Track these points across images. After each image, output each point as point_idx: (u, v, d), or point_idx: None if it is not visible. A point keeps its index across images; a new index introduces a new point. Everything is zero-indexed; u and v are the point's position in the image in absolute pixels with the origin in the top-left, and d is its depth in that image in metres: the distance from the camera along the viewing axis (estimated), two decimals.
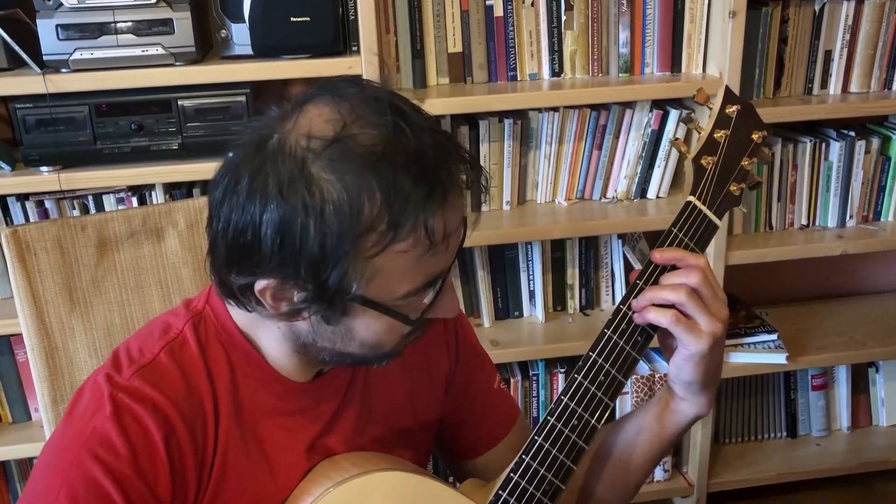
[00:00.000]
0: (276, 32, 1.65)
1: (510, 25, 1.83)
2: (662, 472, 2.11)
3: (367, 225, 0.75)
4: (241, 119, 1.69)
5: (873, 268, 2.34)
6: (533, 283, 2.01)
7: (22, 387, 1.88)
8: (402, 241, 0.76)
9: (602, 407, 0.94)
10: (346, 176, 0.74)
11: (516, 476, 0.93)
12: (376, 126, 0.76)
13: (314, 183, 0.75)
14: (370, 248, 0.76)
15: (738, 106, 1.00)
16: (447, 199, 0.78)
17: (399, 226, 0.76)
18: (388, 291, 0.80)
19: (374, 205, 0.75)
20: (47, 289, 1.21)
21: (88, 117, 1.66)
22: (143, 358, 0.88)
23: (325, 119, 0.77)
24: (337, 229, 0.75)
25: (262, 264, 0.78)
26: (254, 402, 0.92)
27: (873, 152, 2.00)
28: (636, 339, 0.94)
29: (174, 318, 0.93)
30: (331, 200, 0.74)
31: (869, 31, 1.90)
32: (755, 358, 2.03)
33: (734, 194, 1.00)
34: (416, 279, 0.81)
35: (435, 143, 0.78)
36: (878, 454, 2.19)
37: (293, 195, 0.75)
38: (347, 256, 0.76)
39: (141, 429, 0.84)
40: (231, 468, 0.91)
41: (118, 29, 1.62)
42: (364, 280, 0.78)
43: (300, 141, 0.76)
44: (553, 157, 1.92)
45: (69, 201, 1.76)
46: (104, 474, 0.82)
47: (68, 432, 0.85)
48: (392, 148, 0.75)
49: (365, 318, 0.83)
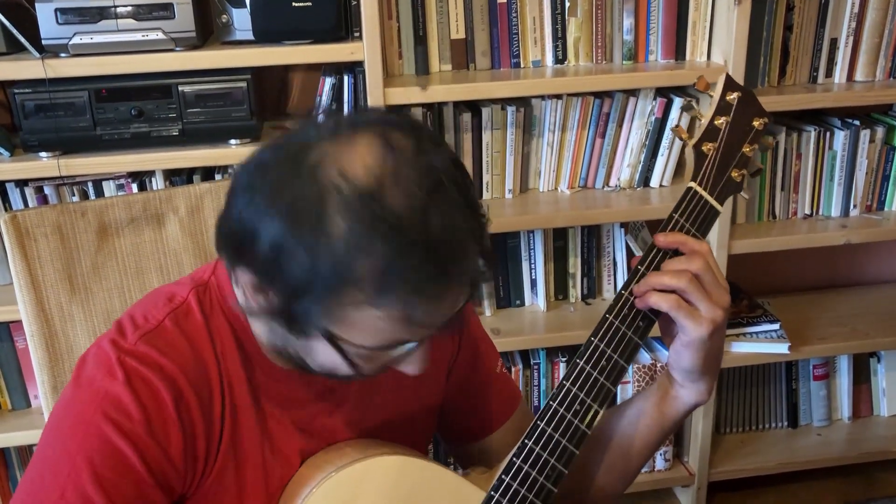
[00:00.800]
0: (277, 17, 1.64)
1: (513, 12, 1.82)
2: (663, 461, 2.11)
3: (353, 280, 0.74)
4: (242, 105, 1.67)
5: (876, 258, 2.34)
6: (535, 272, 2.00)
7: (21, 374, 1.87)
8: (380, 309, 0.76)
9: (604, 392, 0.94)
10: (357, 228, 0.73)
11: (519, 461, 0.93)
12: (411, 197, 0.74)
13: (326, 219, 0.73)
14: (347, 301, 0.76)
15: (738, 93, 1.01)
16: (442, 296, 0.77)
17: (382, 297, 0.75)
18: (352, 339, 0.80)
19: (369, 267, 0.73)
20: (47, 275, 1.20)
21: (88, 103, 1.65)
22: (147, 324, 0.88)
23: (367, 164, 0.74)
24: (325, 273, 0.74)
25: (251, 263, 0.79)
26: (255, 376, 0.92)
27: (878, 141, 1.99)
28: (638, 325, 0.94)
29: (178, 287, 0.93)
30: (331, 245, 0.73)
31: (875, 19, 1.88)
32: (757, 347, 2.02)
33: (735, 180, 1.00)
34: (383, 340, 0.80)
35: (460, 234, 0.76)
36: (879, 444, 2.19)
37: (302, 220, 0.74)
38: (324, 297, 0.76)
39: (152, 392, 0.84)
40: (241, 438, 0.91)
41: (118, 13, 1.60)
42: (331, 320, 0.78)
43: (334, 175, 0.74)
44: (556, 144, 1.91)
45: (68, 187, 1.75)
46: (120, 436, 0.82)
47: (78, 397, 0.85)
48: (413, 227, 0.73)
49: (323, 348, 0.82)
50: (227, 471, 0.90)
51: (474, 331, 1.13)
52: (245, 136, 1.71)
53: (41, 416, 1.84)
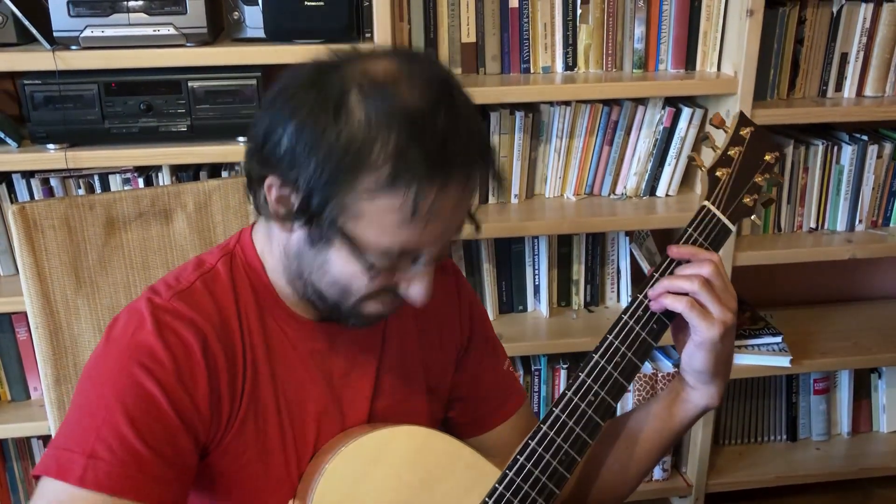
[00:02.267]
0: (289, 16, 1.64)
1: (525, 17, 1.82)
2: (661, 471, 2.10)
3: (369, 164, 0.80)
4: (251, 103, 1.67)
5: (881, 273, 2.33)
6: (538, 278, 2.00)
7: (22, 365, 1.87)
8: (391, 197, 0.80)
9: (618, 387, 0.97)
10: (375, 116, 0.79)
11: (534, 443, 0.96)
12: (424, 94, 0.81)
13: (344, 108, 0.80)
14: (363, 189, 0.81)
15: (751, 128, 1.06)
16: (448, 183, 0.82)
17: (395, 180, 0.80)
18: (365, 238, 0.84)
19: (383, 152, 0.79)
20: (53, 267, 1.20)
21: (97, 96, 1.65)
22: (179, 285, 0.93)
23: (385, 69, 0.82)
24: (342, 154, 0.80)
25: (276, 161, 0.84)
26: (278, 338, 0.96)
27: (885, 157, 1.99)
28: (652, 327, 0.98)
29: (208, 256, 0.98)
30: (350, 128, 0.79)
31: (886, 34, 1.88)
32: (759, 360, 2.02)
33: (748, 205, 1.05)
34: (394, 241, 0.84)
35: (466, 135, 0.83)
36: (878, 460, 2.19)
37: (323, 110, 0.80)
38: (342, 183, 0.81)
39: (181, 342, 0.89)
40: (260, 395, 0.94)
41: (130, 7, 1.60)
42: (349, 215, 0.83)
43: (355, 74, 0.82)
44: (563, 151, 1.90)
45: (75, 180, 1.75)
46: (151, 381, 0.86)
47: (111, 348, 0.89)
48: (426, 117, 0.80)
49: (340, 254, 0.86)
50: (247, 426, 0.94)
51: (484, 326, 1.17)
52: None
53: (41, 408, 1.84)
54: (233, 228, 1.31)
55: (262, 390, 0.95)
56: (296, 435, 0.97)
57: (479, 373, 1.15)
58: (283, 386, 0.96)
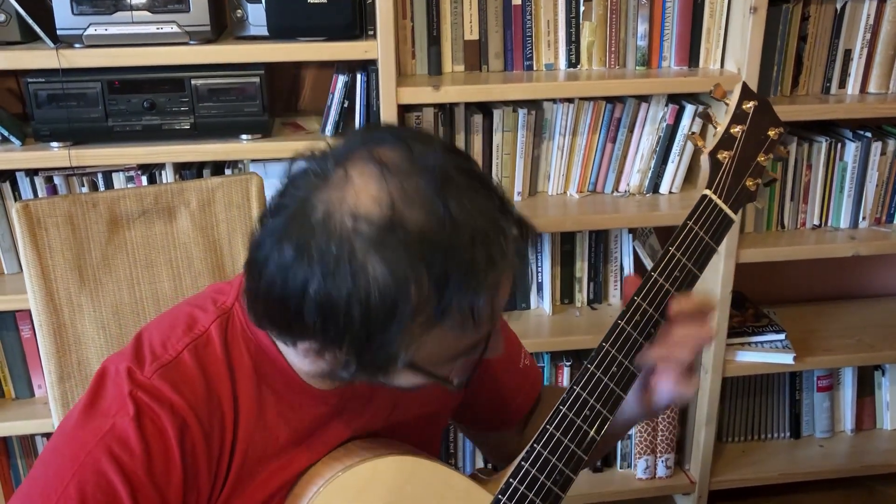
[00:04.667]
0: (292, 14, 1.64)
1: (528, 14, 1.82)
2: (665, 468, 2.10)
3: (414, 310, 0.74)
4: (254, 100, 1.67)
5: (884, 270, 2.33)
6: (541, 275, 2.00)
7: (26, 362, 1.87)
8: (447, 322, 0.76)
9: (614, 399, 0.93)
10: (395, 262, 0.72)
11: (527, 465, 0.92)
12: (426, 206, 0.73)
13: (360, 267, 0.73)
14: (416, 329, 0.76)
15: (754, 102, 1.01)
16: (497, 282, 0.77)
17: (446, 311, 0.75)
18: (431, 358, 0.81)
19: (422, 290, 0.73)
20: (57, 265, 1.20)
21: (101, 94, 1.65)
22: (165, 354, 0.87)
23: (372, 196, 0.73)
24: (382, 315, 0.74)
25: (305, 333, 0.79)
26: (280, 406, 0.91)
27: (889, 154, 1.98)
28: (650, 332, 0.94)
29: (201, 314, 0.91)
30: (376, 286, 0.73)
31: (890, 31, 1.88)
32: (762, 357, 2.02)
33: (750, 189, 1.00)
34: (462, 347, 0.81)
35: (487, 217, 0.75)
36: (881, 457, 2.18)
37: (338, 277, 0.73)
38: (392, 336, 0.75)
39: (158, 430, 0.83)
40: (251, 469, 0.90)
41: (133, 5, 1.60)
42: (408, 351, 0.78)
43: (346, 220, 0.73)
44: (566, 148, 1.90)
45: (78, 178, 1.75)
46: (116, 472, 0.81)
47: (87, 425, 0.84)
48: (443, 232, 0.73)
49: (407, 376, 0.83)
50: (240, 495, 0.90)
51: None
52: (257, 131, 1.71)
53: (45, 405, 1.84)
54: (236, 226, 1.31)
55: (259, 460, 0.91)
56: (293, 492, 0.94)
57: (496, 373, 1.11)
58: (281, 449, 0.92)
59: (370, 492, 0.91)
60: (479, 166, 0.81)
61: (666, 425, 2.06)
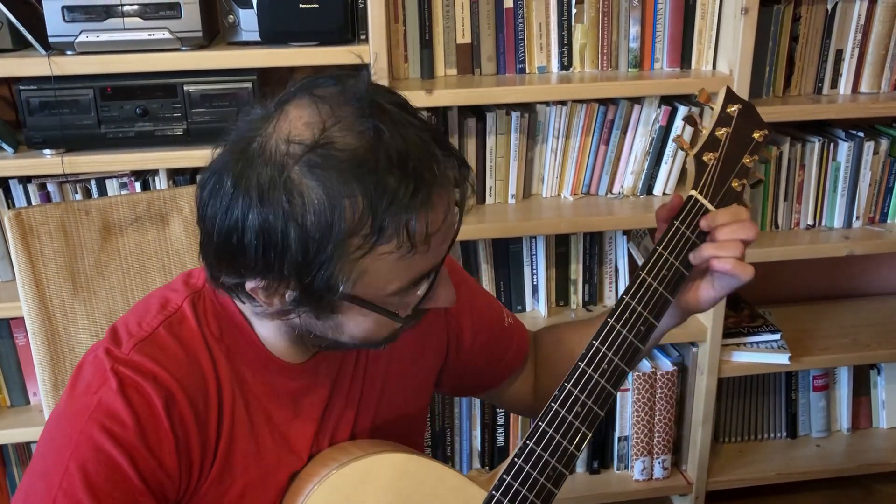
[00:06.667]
0: (284, 19, 1.64)
1: (520, 17, 1.82)
2: (661, 469, 2.10)
3: (349, 229, 0.75)
4: (247, 106, 1.67)
5: (879, 269, 2.34)
6: (536, 278, 2.00)
7: (21, 370, 1.87)
8: (385, 244, 0.77)
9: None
10: (327, 181, 0.75)
11: (520, 461, 0.93)
12: (357, 129, 0.76)
13: (294, 189, 0.75)
14: (354, 251, 0.77)
15: (739, 105, 1.03)
16: (430, 200, 0.78)
17: (382, 229, 0.76)
18: (375, 290, 0.81)
19: (356, 209, 0.75)
20: (50, 272, 1.20)
21: (93, 101, 1.65)
22: (141, 332, 0.89)
23: (305, 122, 0.77)
24: (318, 234, 0.75)
25: (249, 266, 0.79)
26: (256, 381, 0.93)
27: (881, 153, 1.99)
28: (640, 329, 0.96)
29: (173, 294, 0.93)
30: (311, 206, 0.75)
31: (881, 31, 1.88)
32: (758, 357, 2.02)
33: (736, 190, 1.02)
34: (404, 278, 0.81)
35: (419, 142, 0.78)
36: (877, 456, 2.19)
37: (273, 201, 0.75)
38: (331, 260, 0.77)
39: (145, 401, 0.84)
40: (238, 444, 0.91)
41: (125, 12, 1.60)
42: (350, 280, 0.79)
43: (280, 145, 0.76)
44: (560, 151, 1.91)
45: (72, 185, 1.75)
46: (113, 444, 0.83)
47: (73, 406, 0.86)
48: (373, 152, 0.75)
49: (353, 315, 0.84)
50: (225, 473, 0.91)
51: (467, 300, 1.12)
52: None
53: (40, 413, 1.84)
54: None
55: (239, 433, 0.91)
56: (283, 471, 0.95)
57: (477, 346, 1.12)
58: (264, 423, 0.93)
59: (365, 489, 0.92)
60: (411, 105, 0.82)
61: (662, 426, 2.06)
